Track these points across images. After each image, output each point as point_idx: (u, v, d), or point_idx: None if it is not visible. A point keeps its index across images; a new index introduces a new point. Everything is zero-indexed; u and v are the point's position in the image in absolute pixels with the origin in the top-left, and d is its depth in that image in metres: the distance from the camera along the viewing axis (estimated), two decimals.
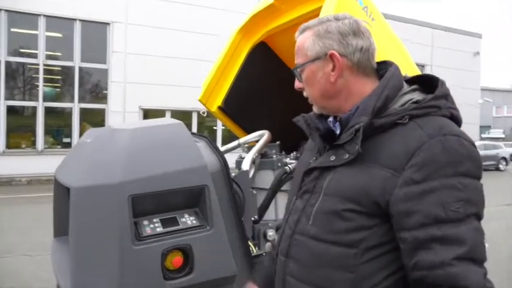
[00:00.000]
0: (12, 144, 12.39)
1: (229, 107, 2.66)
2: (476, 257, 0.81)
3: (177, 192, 1.39)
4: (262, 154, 2.24)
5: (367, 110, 0.91)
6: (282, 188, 2.08)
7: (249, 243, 1.67)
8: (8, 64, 12.30)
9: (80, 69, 13.10)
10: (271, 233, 1.83)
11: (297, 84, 1.07)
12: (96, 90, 13.86)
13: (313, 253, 0.94)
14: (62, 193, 1.72)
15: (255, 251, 1.74)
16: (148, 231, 1.35)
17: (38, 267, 4.24)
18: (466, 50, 22.45)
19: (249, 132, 2.56)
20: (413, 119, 0.89)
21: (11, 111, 12.47)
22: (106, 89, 13.51)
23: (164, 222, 1.38)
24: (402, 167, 0.84)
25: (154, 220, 1.39)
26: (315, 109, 1.08)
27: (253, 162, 2.06)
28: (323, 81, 0.99)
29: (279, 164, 2.19)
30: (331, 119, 1.05)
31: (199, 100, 2.68)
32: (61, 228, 1.79)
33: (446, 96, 0.94)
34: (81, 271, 1.28)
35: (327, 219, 0.92)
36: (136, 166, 1.36)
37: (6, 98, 12.28)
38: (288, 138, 2.53)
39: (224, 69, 2.60)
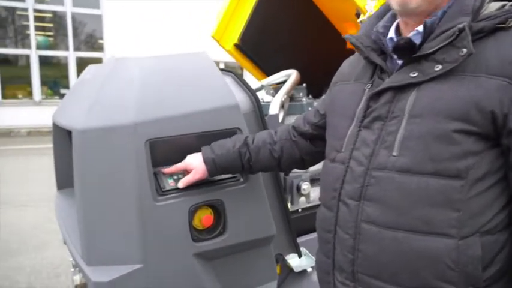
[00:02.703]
0: (8, 95, 12.02)
1: (246, 45, 2.34)
2: None
3: (205, 137, 1.14)
4: (290, 97, 1.96)
5: (465, 9, 0.79)
6: None
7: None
8: None
9: (73, 15, 12.40)
10: (305, 186, 1.60)
11: None
12: (92, 41, 13.20)
13: (404, 190, 0.78)
14: (63, 139, 1.46)
15: (289, 207, 1.51)
16: (171, 183, 1.11)
17: (42, 219, 4.08)
18: None
19: (268, 74, 2.27)
20: None
21: (3, 62, 11.96)
22: (102, 38, 12.86)
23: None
24: None
25: None
26: (398, 5, 0.82)
27: (281, 105, 1.79)
28: None
29: (309, 108, 1.92)
30: (393, 34, 0.88)
31: (213, 37, 2.35)
32: (65, 179, 1.56)
33: None
34: (93, 231, 1.05)
35: (424, 145, 0.77)
36: (152, 104, 1.09)
37: None
38: (312, 81, 2.24)
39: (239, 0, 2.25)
